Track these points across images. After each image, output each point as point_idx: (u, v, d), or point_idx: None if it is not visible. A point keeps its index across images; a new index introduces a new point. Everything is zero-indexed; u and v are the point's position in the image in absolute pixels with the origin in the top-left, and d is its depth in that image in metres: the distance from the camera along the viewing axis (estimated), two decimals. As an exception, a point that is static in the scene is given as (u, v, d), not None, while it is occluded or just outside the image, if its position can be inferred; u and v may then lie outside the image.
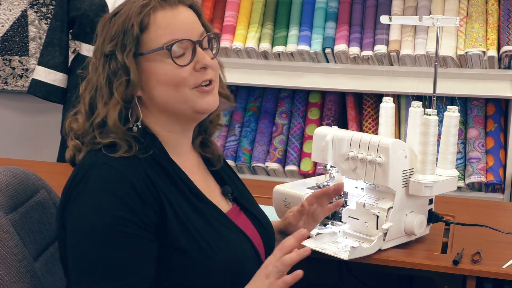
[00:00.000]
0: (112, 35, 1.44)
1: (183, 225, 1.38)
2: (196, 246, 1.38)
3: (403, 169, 1.84)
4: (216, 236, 1.43)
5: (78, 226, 1.33)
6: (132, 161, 1.38)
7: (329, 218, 1.95)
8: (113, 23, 1.46)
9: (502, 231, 1.96)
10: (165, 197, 1.38)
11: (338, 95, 3.15)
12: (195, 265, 1.37)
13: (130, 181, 1.34)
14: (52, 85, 3.12)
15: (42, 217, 1.63)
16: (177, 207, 1.39)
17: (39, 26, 3.64)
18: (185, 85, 1.42)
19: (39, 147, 3.74)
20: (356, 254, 1.77)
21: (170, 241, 1.36)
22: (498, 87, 2.87)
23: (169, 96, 1.42)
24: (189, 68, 1.42)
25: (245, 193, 1.65)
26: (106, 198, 1.32)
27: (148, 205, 1.34)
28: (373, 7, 3.06)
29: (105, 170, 1.35)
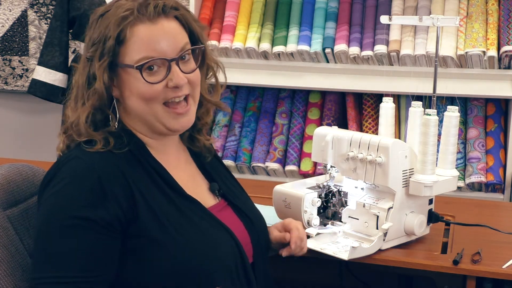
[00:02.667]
0: (95, 39, 1.45)
1: (155, 216, 1.40)
2: (168, 237, 1.40)
3: (403, 169, 1.84)
4: (190, 227, 1.44)
5: (41, 216, 1.39)
6: (106, 155, 1.41)
7: (329, 218, 1.96)
8: (99, 25, 1.46)
9: (502, 231, 1.96)
10: (137, 189, 1.40)
11: (338, 95, 3.15)
12: (167, 255, 1.39)
13: (97, 174, 1.37)
14: (52, 85, 3.12)
15: None
16: (150, 199, 1.41)
17: (39, 26, 3.64)
18: (155, 101, 1.45)
19: (39, 147, 3.74)
20: (356, 254, 1.77)
21: (141, 231, 1.39)
22: (498, 87, 2.87)
23: (141, 108, 1.46)
24: (161, 85, 1.44)
25: (237, 190, 1.66)
26: (70, 191, 1.37)
27: (112, 199, 1.36)
28: (373, 7, 3.06)
29: (74, 162, 1.40)
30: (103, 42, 1.43)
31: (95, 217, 1.35)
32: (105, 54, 1.42)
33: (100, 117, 1.46)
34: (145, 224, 1.39)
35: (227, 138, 3.17)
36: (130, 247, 1.39)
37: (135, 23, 1.42)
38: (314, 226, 1.90)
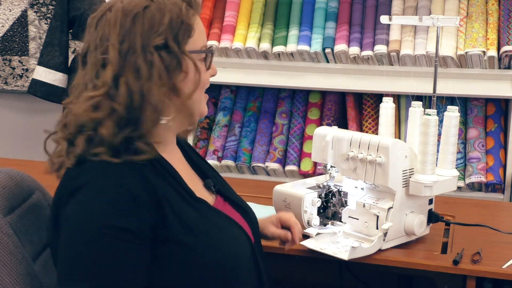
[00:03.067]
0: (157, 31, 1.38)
1: (180, 220, 1.39)
2: (195, 239, 1.39)
3: (403, 169, 1.84)
4: (211, 228, 1.44)
5: (71, 227, 1.33)
6: (128, 162, 1.37)
7: (329, 218, 1.96)
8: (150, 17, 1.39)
9: (502, 231, 1.96)
10: (161, 194, 1.38)
11: (338, 95, 3.15)
12: (196, 258, 1.39)
13: (126, 181, 1.34)
14: (52, 85, 3.12)
15: (38, 218, 1.62)
16: (173, 203, 1.40)
17: (39, 26, 3.64)
18: (203, 88, 1.48)
19: (39, 147, 3.72)
20: (356, 254, 1.77)
21: (170, 237, 1.37)
22: (498, 87, 2.87)
23: (194, 97, 1.45)
24: (209, 73, 1.49)
25: (225, 184, 1.68)
26: (100, 201, 1.32)
27: (142, 206, 1.34)
28: (373, 7, 3.06)
29: (102, 171, 1.35)
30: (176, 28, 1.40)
31: (129, 226, 1.32)
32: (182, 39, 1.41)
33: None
34: (173, 229, 1.38)
35: (227, 138, 3.17)
36: (158, 253, 1.37)
37: (194, 14, 1.46)
38: (314, 226, 1.90)
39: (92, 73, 1.39)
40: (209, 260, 1.40)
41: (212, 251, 1.41)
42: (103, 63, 1.38)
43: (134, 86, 1.36)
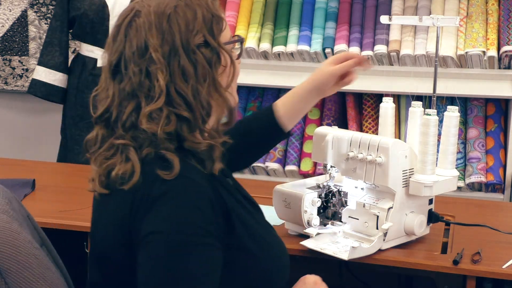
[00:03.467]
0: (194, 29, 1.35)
1: (245, 226, 1.39)
2: (258, 247, 1.40)
3: (403, 169, 1.84)
4: (266, 233, 1.46)
5: (158, 236, 1.28)
6: (198, 169, 1.35)
7: (329, 218, 1.96)
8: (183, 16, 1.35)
9: (502, 231, 1.96)
10: (228, 201, 1.37)
11: (338, 95, 3.15)
12: (256, 264, 1.39)
13: (205, 189, 1.31)
14: (52, 85, 3.12)
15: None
16: (236, 209, 1.39)
17: (39, 26, 3.64)
18: (238, 77, 1.45)
19: (39, 147, 3.74)
20: (356, 254, 1.77)
21: (236, 243, 1.36)
22: (498, 87, 2.87)
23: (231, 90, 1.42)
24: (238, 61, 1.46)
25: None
26: (188, 210, 1.29)
27: (218, 213, 1.33)
28: (373, 7, 3.06)
29: (184, 179, 1.30)
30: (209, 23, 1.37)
31: (214, 232, 1.31)
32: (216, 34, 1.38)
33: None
34: (240, 236, 1.37)
35: (227, 138, 3.17)
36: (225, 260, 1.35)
37: (220, 5, 1.44)
38: (314, 226, 1.90)
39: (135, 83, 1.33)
40: (266, 267, 1.41)
41: (269, 259, 1.41)
42: (146, 71, 1.33)
43: (183, 89, 1.32)
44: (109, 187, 1.37)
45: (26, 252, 1.37)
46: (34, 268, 1.37)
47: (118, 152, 1.35)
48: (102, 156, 1.39)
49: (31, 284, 1.36)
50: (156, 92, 1.31)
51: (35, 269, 1.37)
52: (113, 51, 1.37)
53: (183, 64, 1.32)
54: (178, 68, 1.32)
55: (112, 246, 1.35)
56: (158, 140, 1.31)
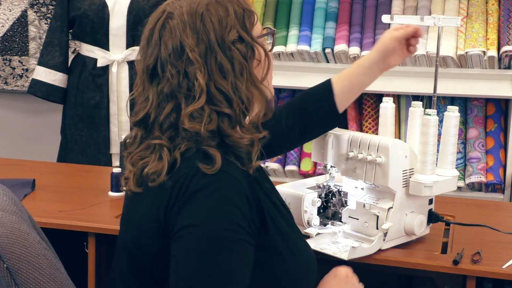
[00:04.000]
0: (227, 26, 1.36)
1: (277, 228, 1.39)
2: (288, 249, 1.39)
3: (403, 169, 1.84)
4: (298, 238, 1.45)
5: (194, 229, 1.28)
6: (237, 166, 1.36)
7: (329, 218, 1.96)
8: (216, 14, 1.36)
9: (502, 231, 1.96)
10: (263, 200, 1.37)
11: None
12: (286, 266, 1.39)
13: (243, 186, 1.32)
14: (52, 85, 3.12)
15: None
16: (270, 210, 1.39)
17: (39, 26, 3.64)
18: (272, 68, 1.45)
19: (39, 147, 3.74)
20: (356, 254, 1.77)
21: (268, 244, 1.36)
22: (498, 87, 2.87)
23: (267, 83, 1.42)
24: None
25: None
26: (225, 205, 1.29)
27: (254, 211, 1.33)
28: (373, 7, 3.06)
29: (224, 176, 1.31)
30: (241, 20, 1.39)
31: (249, 229, 1.31)
32: (250, 29, 1.40)
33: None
34: (273, 237, 1.37)
35: (227, 138, 3.17)
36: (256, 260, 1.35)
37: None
38: (314, 226, 1.90)
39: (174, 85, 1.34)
40: (295, 272, 1.41)
41: (299, 265, 1.42)
42: (184, 72, 1.33)
43: (223, 85, 1.33)
44: (142, 185, 1.38)
45: (36, 252, 1.36)
46: (44, 268, 1.36)
47: (153, 151, 1.36)
48: (138, 156, 1.40)
49: (41, 284, 1.36)
50: (197, 91, 1.32)
51: (45, 270, 1.36)
52: (148, 54, 1.37)
53: (220, 61, 1.33)
54: (216, 66, 1.33)
55: (147, 237, 1.35)
56: (202, 139, 1.32)
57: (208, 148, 1.33)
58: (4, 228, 1.35)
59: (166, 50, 1.34)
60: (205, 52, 1.33)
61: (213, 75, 1.33)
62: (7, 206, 1.41)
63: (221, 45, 1.34)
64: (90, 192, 2.28)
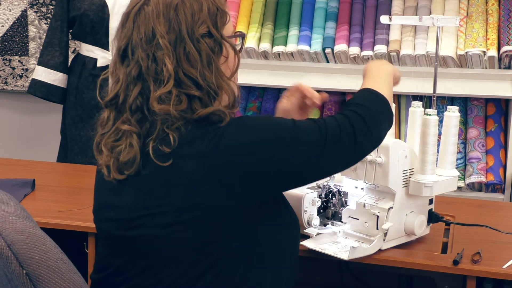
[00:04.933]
0: (199, 20, 1.43)
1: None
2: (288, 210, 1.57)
3: (403, 169, 1.84)
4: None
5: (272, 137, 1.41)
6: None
7: (329, 218, 1.96)
8: (190, 7, 1.43)
9: (502, 231, 1.96)
10: None
11: (338, 95, 3.15)
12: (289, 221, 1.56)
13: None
14: (52, 85, 3.11)
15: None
16: None
17: (39, 26, 3.64)
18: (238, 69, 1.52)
19: (39, 147, 3.74)
20: (356, 254, 1.77)
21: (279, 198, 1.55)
22: (498, 87, 2.87)
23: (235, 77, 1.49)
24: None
25: None
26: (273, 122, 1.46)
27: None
28: (373, 7, 3.06)
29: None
30: (214, 16, 1.45)
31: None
32: (220, 27, 1.46)
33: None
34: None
35: (227, 138, 3.16)
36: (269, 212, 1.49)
37: (226, 0, 1.53)
38: (314, 226, 1.90)
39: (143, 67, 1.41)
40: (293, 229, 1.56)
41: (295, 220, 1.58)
42: (153, 57, 1.40)
43: (192, 72, 1.40)
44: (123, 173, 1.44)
45: (54, 257, 1.35)
46: (64, 273, 1.35)
47: (123, 137, 1.43)
48: (111, 139, 1.45)
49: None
50: (165, 76, 1.39)
51: (65, 274, 1.35)
52: (121, 37, 1.45)
53: (188, 50, 1.40)
54: (184, 54, 1.40)
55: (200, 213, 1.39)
56: (173, 118, 1.39)
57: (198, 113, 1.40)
58: (21, 233, 1.33)
59: (138, 34, 1.42)
60: (175, 40, 1.40)
61: (181, 63, 1.40)
62: (18, 211, 1.40)
63: (191, 36, 1.41)
64: (90, 192, 2.26)
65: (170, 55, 1.39)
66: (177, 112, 1.38)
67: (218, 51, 1.44)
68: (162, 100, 1.39)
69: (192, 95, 1.40)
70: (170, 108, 1.38)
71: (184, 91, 1.40)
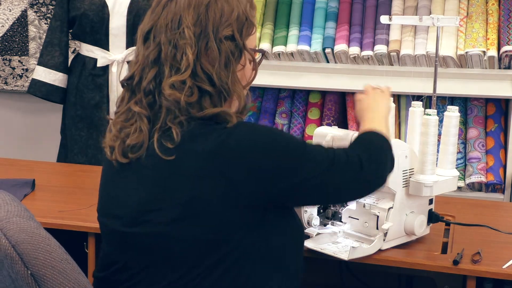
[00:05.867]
0: (226, 22, 1.45)
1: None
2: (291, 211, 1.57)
3: (403, 169, 1.84)
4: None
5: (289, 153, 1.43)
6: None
7: (329, 218, 1.95)
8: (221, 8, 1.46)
9: (502, 231, 1.96)
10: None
11: (338, 95, 3.15)
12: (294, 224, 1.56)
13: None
14: (52, 85, 3.11)
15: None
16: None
17: (39, 26, 3.64)
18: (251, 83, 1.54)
19: (39, 147, 3.74)
20: (356, 254, 1.77)
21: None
22: (498, 87, 2.87)
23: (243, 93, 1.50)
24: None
25: None
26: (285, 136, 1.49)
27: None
28: (373, 7, 3.06)
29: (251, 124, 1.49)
30: (241, 23, 1.48)
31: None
32: (245, 35, 1.50)
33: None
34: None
35: (227, 138, 3.16)
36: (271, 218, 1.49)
37: (255, 15, 1.56)
38: (314, 226, 1.90)
39: (163, 52, 1.42)
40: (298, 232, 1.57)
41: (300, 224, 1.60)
42: (175, 44, 1.42)
43: (209, 68, 1.42)
44: (127, 156, 1.45)
45: (59, 257, 1.34)
46: (69, 273, 1.34)
47: (133, 120, 1.45)
48: (121, 118, 1.47)
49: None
50: (183, 64, 1.41)
51: (70, 275, 1.34)
52: (149, 20, 1.47)
53: (210, 46, 1.42)
54: (205, 50, 1.42)
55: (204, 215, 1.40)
56: (181, 108, 1.40)
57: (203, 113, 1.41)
58: (25, 234, 1.32)
59: (165, 19, 1.44)
60: (200, 33, 1.42)
61: (201, 57, 1.42)
62: (21, 212, 1.39)
63: (215, 34, 1.43)
64: (90, 192, 2.27)
65: (192, 46, 1.41)
66: (185, 103, 1.39)
67: (237, 57, 1.46)
68: (175, 87, 1.40)
69: (204, 90, 1.41)
70: (181, 96, 1.39)
71: (198, 84, 1.41)
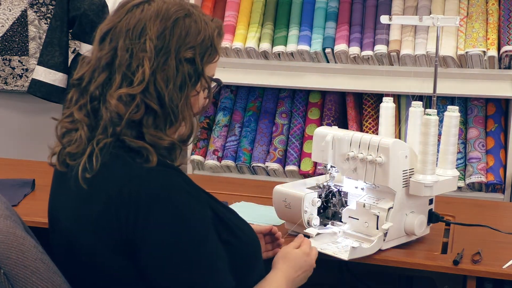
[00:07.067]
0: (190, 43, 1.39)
1: (221, 221, 1.42)
2: (235, 238, 1.44)
3: (403, 169, 1.84)
4: (240, 222, 1.50)
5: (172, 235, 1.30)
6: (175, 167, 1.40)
7: (329, 218, 1.96)
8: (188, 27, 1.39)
9: (502, 231, 1.96)
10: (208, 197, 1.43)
11: (338, 95, 3.15)
12: (236, 254, 1.42)
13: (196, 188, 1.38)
14: (52, 85, 3.12)
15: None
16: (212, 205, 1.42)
17: (39, 26, 3.64)
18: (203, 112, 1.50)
19: (39, 147, 3.73)
20: (356, 254, 1.77)
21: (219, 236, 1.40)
22: (498, 87, 2.87)
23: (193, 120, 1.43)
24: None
25: None
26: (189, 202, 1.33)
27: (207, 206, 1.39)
28: (373, 7, 3.06)
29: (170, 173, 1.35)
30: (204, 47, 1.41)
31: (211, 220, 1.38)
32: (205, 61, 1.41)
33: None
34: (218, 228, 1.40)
35: (227, 138, 3.17)
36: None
37: (220, 42, 1.47)
38: (314, 226, 1.90)
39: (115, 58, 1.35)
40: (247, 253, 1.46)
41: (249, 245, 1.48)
42: (132, 53, 1.34)
43: (162, 87, 1.34)
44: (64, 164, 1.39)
45: (33, 257, 1.34)
46: (42, 272, 1.34)
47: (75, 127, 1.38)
48: (67, 121, 1.40)
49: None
50: (137, 78, 1.33)
51: (43, 274, 1.34)
52: (110, 20, 1.39)
53: (168, 64, 1.35)
54: (162, 66, 1.34)
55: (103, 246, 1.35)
56: (121, 123, 1.32)
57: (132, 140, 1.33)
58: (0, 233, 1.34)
59: (127, 24, 1.36)
60: (161, 48, 1.35)
61: (157, 73, 1.34)
62: (0, 210, 1.40)
63: (176, 53, 1.36)
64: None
65: (151, 60, 1.33)
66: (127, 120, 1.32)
67: (194, 82, 1.39)
68: (122, 100, 1.32)
69: (151, 108, 1.33)
70: (125, 112, 1.32)
71: (147, 101, 1.33)
